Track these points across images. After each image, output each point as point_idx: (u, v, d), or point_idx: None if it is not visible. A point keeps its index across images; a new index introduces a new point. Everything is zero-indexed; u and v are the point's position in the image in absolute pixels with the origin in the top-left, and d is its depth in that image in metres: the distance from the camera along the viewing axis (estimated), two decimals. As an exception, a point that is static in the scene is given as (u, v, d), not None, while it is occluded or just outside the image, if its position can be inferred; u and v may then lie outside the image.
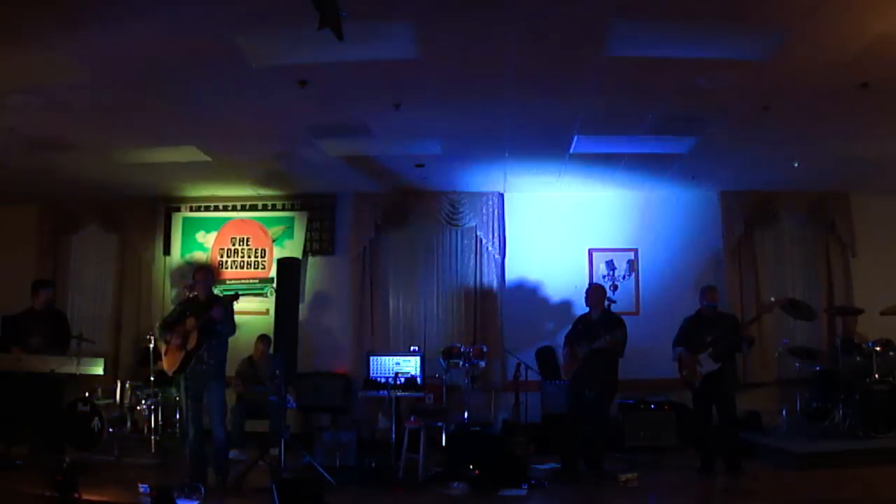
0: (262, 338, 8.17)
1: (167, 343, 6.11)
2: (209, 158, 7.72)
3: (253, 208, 9.45)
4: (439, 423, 6.96)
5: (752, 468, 6.63)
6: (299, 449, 6.87)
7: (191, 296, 6.48)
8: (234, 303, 6.29)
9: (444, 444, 6.86)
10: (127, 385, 7.94)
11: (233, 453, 6.81)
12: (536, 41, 5.00)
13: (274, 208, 9.45)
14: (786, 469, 6.70)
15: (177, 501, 5.28)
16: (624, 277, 9.19)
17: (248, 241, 9.41)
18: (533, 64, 5.35)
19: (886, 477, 6.28)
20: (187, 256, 9.38)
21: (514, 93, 5.93)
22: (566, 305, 8.78)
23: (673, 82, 5.67)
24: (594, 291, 7.03)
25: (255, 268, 9.35)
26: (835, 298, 8.85)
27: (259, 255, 9.38)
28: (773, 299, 7.31)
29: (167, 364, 6.14)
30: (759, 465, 6.82)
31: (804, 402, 7.91)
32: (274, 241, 9.37)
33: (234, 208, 9.47)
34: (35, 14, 4.52)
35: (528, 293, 9.14)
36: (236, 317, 6.45)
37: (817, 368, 8.05)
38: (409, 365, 7.98)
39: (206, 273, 6.54)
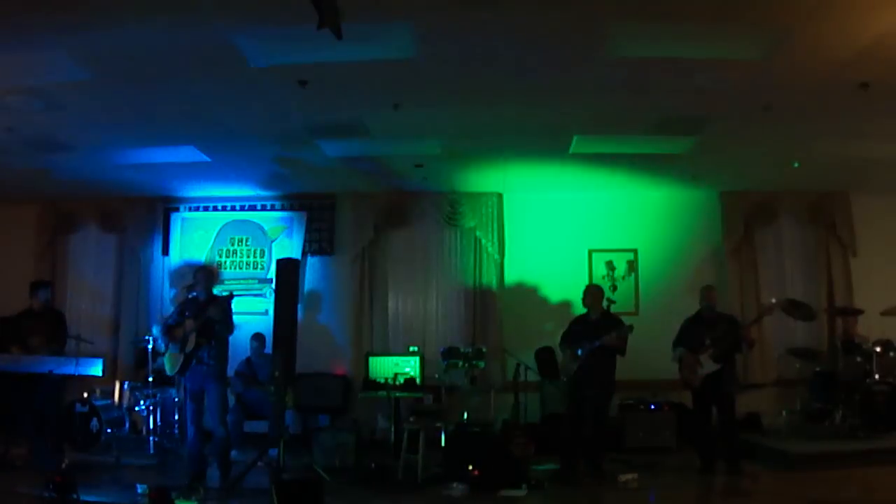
0: (256, 336, 8.16)
1: (167, 348, 6.12)
2: (209, 158, 7.71)
3: (252, 208, 9.43)
4: (439, 424, 6.96)
5: (752, 469, 6.63)
6: (299, 449, 6.86)
7: (189, 296, 6.49)
8: (231, 302, 6.28)
9: (443, 444, 6.84)
10: (126, 385, 7.93)
11: (232, 454, 6.80)
12: (536, 41, 4.99)
13: (273, 208, 9.42)
14: (786, 469, 6.69)
15: (176, 502, 5.26)
16: (623, 278, 9.18)
17: (246, 241, 9.39)
18: (533, 64, 5.35)
19: (886, 477, 6.26)
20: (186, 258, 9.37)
21: (514, 93, 5.92)
22: (566, 306, 8.75)
23: (673, 82, 5.67)
24: (592, 292, 7.03)
25: (253, 268, 9.33)
26: (835, 299, 8.84)
27: (258, 255, 9.36)
28: (773, 301, 7.28)
29: (168, 366, 6.15)
30: (759, 466, 6.81)
31: (804, 403, 7.90)
32: (273, 241, 9.36)
33: (233, 208, 9.44)
34: (35, 14, 4.51)
35: (527, 293, 9.13)
36: (236, 317, 6.45)
37: (817, 369, 8.04)
38: (409, 365, 7.98)
39: (206, 273, 6.54)
